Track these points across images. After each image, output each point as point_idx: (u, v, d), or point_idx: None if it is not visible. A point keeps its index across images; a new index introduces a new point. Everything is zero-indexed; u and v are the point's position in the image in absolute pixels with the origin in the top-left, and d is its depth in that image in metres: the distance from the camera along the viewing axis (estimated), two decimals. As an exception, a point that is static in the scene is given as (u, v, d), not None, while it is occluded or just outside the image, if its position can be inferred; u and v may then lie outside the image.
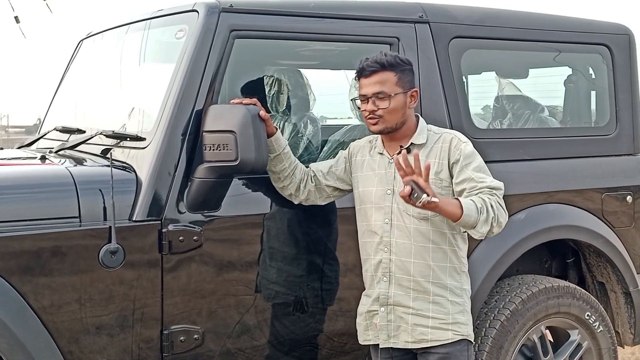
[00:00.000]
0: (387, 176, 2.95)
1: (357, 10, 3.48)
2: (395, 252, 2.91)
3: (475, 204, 2.74)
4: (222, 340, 3.09)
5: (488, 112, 4.39)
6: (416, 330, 2.90)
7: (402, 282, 2.91)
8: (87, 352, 2.84)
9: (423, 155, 2.89)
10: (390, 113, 2.89)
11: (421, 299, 2.90)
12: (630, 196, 4.01)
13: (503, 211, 2.83)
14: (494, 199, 2.80)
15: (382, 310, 2.95)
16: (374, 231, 2.96)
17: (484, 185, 2.82)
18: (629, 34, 4.15)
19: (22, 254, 2.73)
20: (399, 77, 2.91)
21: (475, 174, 2.85)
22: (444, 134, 2.97)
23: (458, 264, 2.96)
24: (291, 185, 3.06)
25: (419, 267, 2.89)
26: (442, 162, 2.90)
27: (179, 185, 2.98)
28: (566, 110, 4.36)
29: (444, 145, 2.92)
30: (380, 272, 2.94)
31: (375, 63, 2.89)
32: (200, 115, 3.01)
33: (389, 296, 2.93)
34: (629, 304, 3.99)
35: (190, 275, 2.99)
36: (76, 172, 3.02)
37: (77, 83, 4.16)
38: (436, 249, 2.91)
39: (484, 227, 2.76)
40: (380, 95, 2.88)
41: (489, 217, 2.75)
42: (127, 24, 3.77)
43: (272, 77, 3.97)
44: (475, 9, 3.79)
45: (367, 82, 2.91)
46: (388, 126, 2.91)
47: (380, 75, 2.89)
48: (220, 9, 3.11)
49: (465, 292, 2.99)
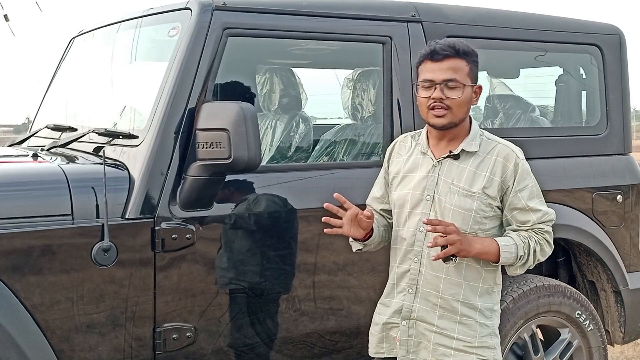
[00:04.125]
0: (428, 180, 2.69)
1: (349, 9, 3.49)
2: (425, 265, 2.67)
3: (517, 250, 2.60)
4: (214, 338, 3.09)
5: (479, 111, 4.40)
6: (438, 350, 2.68)
7: (429, 298, 2.68)
8: (79, 351, 2.84)
9: (473, 166, 2.66)
10: (459, 106, 2.61)
11: (447, 318, 2.67)
12: (621, 196, 4.03)
13: (547, 249, 2.68)
14: (541, 238, 2.66)
15: (404, 324, 2.71)
16: (403, 237, 2.72)
17: (536, 221, 2.65)
18: (620, 34, 4.17)
19: (14, 251, 2.72)
20: (470, 67, 2.64)
21: (529, 204, 2.65)
22: (499, 146, 2.69)
23: (492, 284, 2.73)
24: (388, 236, 2.85)
25: (449, 284, 2.66)
26: (494, 178, 2.64)
27: (171, 183, 2.98)
28: (557, 110, 4.38)
29: (499, 159, 2.65)
30: (406, 283, 2.71)
31: (449, 47, 2.61)
32: (193, 113, 3.01)
33: (413, 310, 2.69)
34: (619, 302, 4.01)
35: (183, 273, 2.99)
36: (69, 169, 3.01)
37: (68, 81, 4.15)
38: (470, 267, 2.66)
39: (520, 270, 2.66)
40: (452, 83, 2.59)
41: (527, 263, 2.64)
42: (119, 21, 3.76)
43: (265, 76, 3.98)
44: (467, 8, 3.80)
45: (437, 66, 2.60)
46: (453, 120, 2.62)
47: (453, 61, 2.60)
48: (214, 6, 3.12)
49: (496, 313, 2.75)
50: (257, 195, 3.17)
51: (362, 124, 3.80)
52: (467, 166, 2.67)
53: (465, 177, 2.66)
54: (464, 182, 2.65)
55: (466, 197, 2.64)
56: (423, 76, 2.64)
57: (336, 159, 3.69)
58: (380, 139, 3.49)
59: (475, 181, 2.65)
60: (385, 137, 3.44)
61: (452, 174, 2.67)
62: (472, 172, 2.65)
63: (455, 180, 2.66)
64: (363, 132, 3.75)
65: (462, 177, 2.66)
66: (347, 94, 3.87)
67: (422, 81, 2.64)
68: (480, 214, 2.64)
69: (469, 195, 2.64)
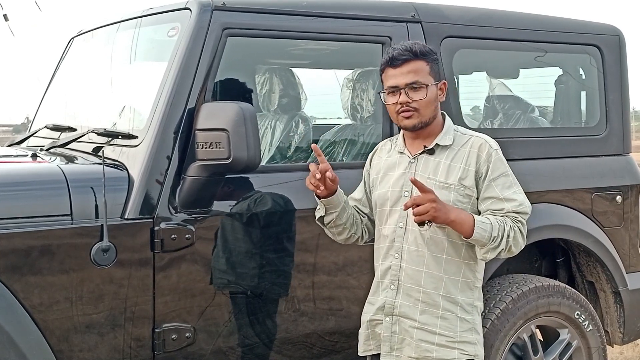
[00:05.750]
0: (405, 177, 2.75)
1: (349, 9, 3.49)
2: (406, 260, 2.72)
3: (491, 230, 2.60)
4: (213, 339, 3.09)
5: (478, 112, 4.41)
6: (420, 346, 2.71)
7: (411, 293, 2.72)
8: (78, 351, 2.84)
9: (448, 159, 2.72)
10: (426, 105, 2.68)
11: (429, 313, 2.71)
12: (620, 196, 4.03)
13: (521, 241, 2.68)
14: (516, 226, 2.66)
15: (387, 321, 2.76)
16: (385, 235, 2.78)
17: (511, 209, 2.67)
18: (619, 34, 4.18)
19: (13, 251, 2.72)
20: (431, 66, 2.71)
21: (503, 193, 2.68)
22: (473, 137, 2.76)
23: (472, 279, 2.76)
24: (357, 230, 2.89)
25: (430, 278, 2.70)
26: (469, 169, 2.70)
27: (171, 184, 2.97)
28: (556, 110, 4.38)
29: (473, 150, 2.72)
30: (388, 280, 2.76)
31: (406, 51, 2.68)
32: (193, 113, 3.01)
33: (395, 306, 2.74)
34: (618, 303, 4.01)
35: (182, 274, 2.99)
36: (68, 169, 3.01)
37: (68, 81, 4.15)
38: (450, 261, 2.71)
39: (491, 253, 2.64)
40: (415, 85, 2.67)
41: (499, 247, 2.62)
42: (119, 22, 3.76)
43: (264, 76, 3.97)
44: (467, 9, 3.80)
45: (398, 72, 2.68)
46: (423, 120, 2.70)
47: (412, 64, 2.68)
48: (213, 7, 3.11)
49: (477, 309, 2.79)
50: (256, 196, 3.17)
51: (361, 124, 3.80)
52: (442, 159, 2.74)
53: (441, 170, 2.72)
54: (440, 175, 2.72)
55: (443, 189, 2.70)
56: (387, 83, 2.73)
57: (336, 159, 3.69)
58: (380, 139, 3.48)
59: (451, 173, 2.72)
60: (384, 137, 3.43)
61: (429, 168, 2.75)
62: (447, 165, 2.72)
63: (432, 174, 2.73)
64: (362, 132, 3.75)
65: (438, 170, 2.73)
66: (347, 94, 3.86)
67: (387, 88, 2.72)
68: (458, 205, 2.70)
69: (445, 187, 2.70)
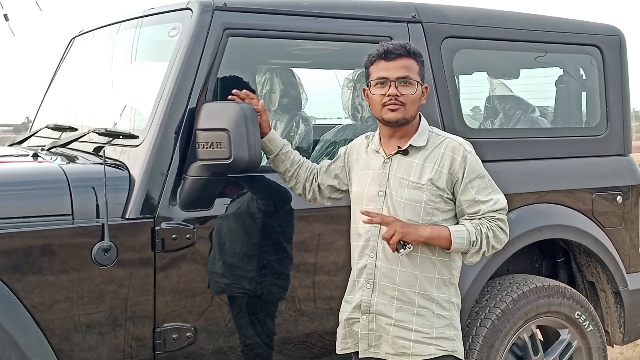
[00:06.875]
0: (380, 176, 2.80)
1: (350, 9, 3.49)
2: (381, 258, 2.77)
3: (469, 236, 2.68)
4: (214, 338, 3.09)
5: (479, 112, 4.41)
6: (397, 342, 2.76)
7: (386, 291, 2.76)
8: (79, 350, 2.84)
9: (421, 159, 2.77)
10: (413, 102, 2.74)
11: (405, 310, 2.75)
12: (620, 196, 4.03)
13: (502, 236, 2.75)
14: (494, 225, 2.72)
15: (364, 319, 2.80)
16: (360, 234, 2.82)
17: (487, 210, 2.72)
18: (620, 35, 4.18)
19: (14, 251, 2.72)
20: (420, 67, 2.79)
21: (478, 196, 2.73)
22: (447, 140, 2.81)
23: (448, 275, 2.80)
24: (297, 185, 3.03)
25: (404, 276, 2.74)
26: (442, 170, 2.74)
27: (172, 183, 2.98)
28: (557, 110, 4.38)
29: (447, 152, 2.76)
30: (364, 279, 2.80)
31: (401, 47, 2.76)
32: (194, 113, 3.01)
33: (371, 304, 2.78)
34: (618, 303, 4.01)
35: (183, 274, 2.99)
36: (69, 169, 3.01)
37: (68, 81, 4.15)
38: (424, 259, 2.75)
39: (475, 257, 2.73)
40: (406, 80, 2.73)
41: (481, 249, 2.70)
42: (119, 22, 3.76)
43: (265, 76, 3.97)
44: (467, 9, 3.80)
45: (391, 65, 2.74)
46: (406, 116, 2.75)
47: (405, 60, 2.75)
48: (214, 7, 3.12)
49: (454, 305, 2.82)
50: (257, 196, 3.17)
51: (362, 124, 3.80)
52: (416, 160, 2.78)
53: (414, 171, 2.77)
54: (412, 175, 2.77)
55: (415, 189, 2.74)
56: (377, 74, 2.77)
57: (336, 159, 3.69)
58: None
59: (424, 173, 2.75)
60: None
61: (402, 168, 2.78)
62: (420, 165, 2.76)
63: (405, 175, 2.77)
64: (363, 132, 3.73)
65: (411, 170, 2.77)
66: (347, 94, 3.86)
67: (376, 79, 2.77)
68: (430, 205, 2.74)
69: (418, 187, 2.74)
